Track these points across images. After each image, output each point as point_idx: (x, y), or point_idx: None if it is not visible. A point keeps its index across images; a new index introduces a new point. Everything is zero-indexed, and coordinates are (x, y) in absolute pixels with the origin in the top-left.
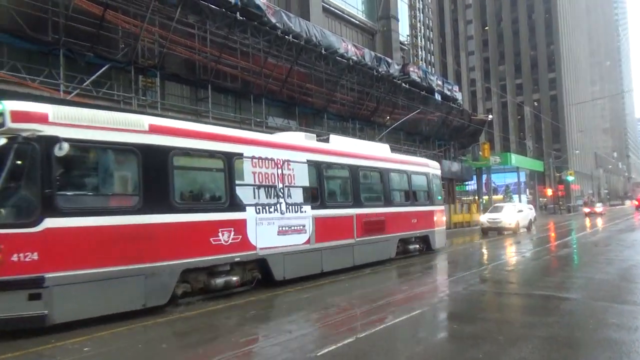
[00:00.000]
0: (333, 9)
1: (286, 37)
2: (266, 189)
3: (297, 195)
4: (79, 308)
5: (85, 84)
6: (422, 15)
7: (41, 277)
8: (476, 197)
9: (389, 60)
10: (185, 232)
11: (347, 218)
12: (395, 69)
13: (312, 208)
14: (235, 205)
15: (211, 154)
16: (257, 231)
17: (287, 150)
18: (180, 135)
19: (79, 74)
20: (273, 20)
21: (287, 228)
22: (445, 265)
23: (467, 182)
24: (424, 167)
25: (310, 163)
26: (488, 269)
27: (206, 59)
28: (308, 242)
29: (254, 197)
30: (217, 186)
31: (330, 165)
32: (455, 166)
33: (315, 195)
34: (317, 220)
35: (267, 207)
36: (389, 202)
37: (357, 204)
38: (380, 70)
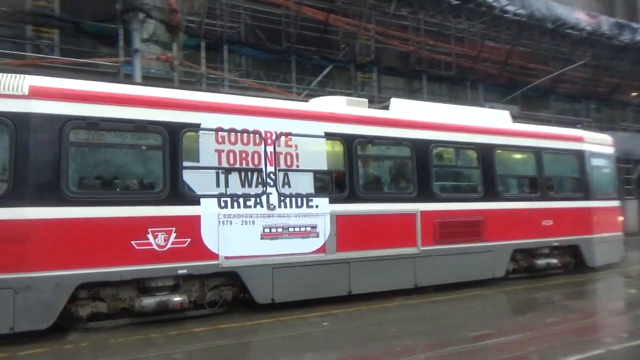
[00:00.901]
0: None
1: (505, 15)
2: (242, 173)
3: (303, 183)
4: None
5: (312, 85)
6: None
7: None
8: None
9: (634, 26)
10: (85, 232)
11: (404, 217)
12: None
13: (332, 201)
14: (181, 195)
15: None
16: (219, 233)
17: (284, 120)
18: (82, 100)
19: (307, 76)
20: None
21: (279, 230)
22: (606, 293)
23: None
24: (573, 143)
25: (331, 137)
26: None
27: (420, 49)
28: (322, 250)
29: (217, 186)
30: (148, 170)
31: (371, 140)
32: None
33: (339, 183)
34: (341, 220)
35: (240, 200)
36: (493, 194)
37: (425, 195)
38: (622, 39)
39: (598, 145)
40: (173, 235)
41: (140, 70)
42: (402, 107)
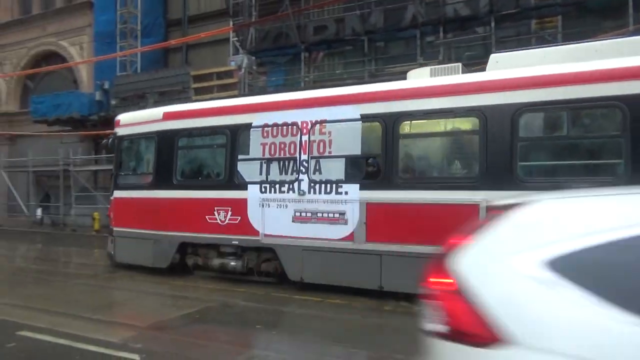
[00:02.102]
0: None
1: None
2: (280, 162)
3: (334, 170)
4: None
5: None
6: None
7: None
8: None
9: None
10: (184, 207)
11: (457, 208)
12: None
13: (363, 188)
14: (235, 182)
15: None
16: (261, 214)
17: (319, 108)
18: (187, 117)
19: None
20: None
21: (309, 214)
22: None
23: None
24: None
25: (367, 119)
26: None
27: None
28: (350, 238)
29: (260, 174)
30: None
31: (415, 115)
32: None
33: (374, 169)
34: (372, 208)
35: (277, 186)
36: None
37: (497, 181)
38: None
39: None
40: (230, 213)
41: None
42: (505, 63)
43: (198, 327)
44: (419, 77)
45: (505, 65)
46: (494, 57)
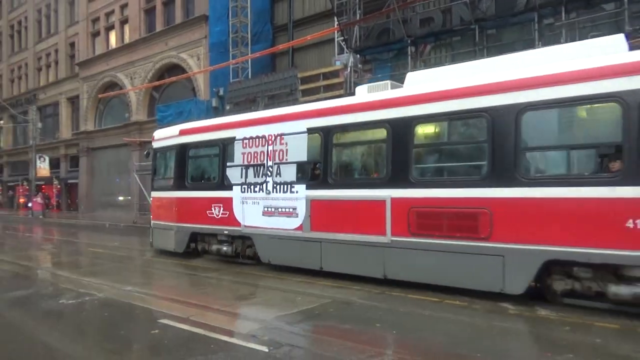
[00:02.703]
0: None
1: None
2: (254, 168)
3: (289, 173)
4: None
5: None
6: None
7: None
8: None
9: None
10: (195, 204)
11: (371, 203)
12: None
13: (308, 187)
14: (224, 184)
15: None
16: (241, 209)
17: (280, 123)
18: (191, 133)
19: None
20: None
21: (272, 209)
22: None
23: None
24: None
25: (311, 131)
26: None
27: None
28: (300, 228)
29: (241, 177)
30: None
31: (346, 128)
32: None
33: (314, 172)
34: (314, 204)
35: (252, 187)
36: (505, 177)
37: (399, 181)
38: None
39: None
40: (222, 209)
41: None
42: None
43: (319, 323)
44: (361, 93)
45: (418, 81)
46: (409, 75)
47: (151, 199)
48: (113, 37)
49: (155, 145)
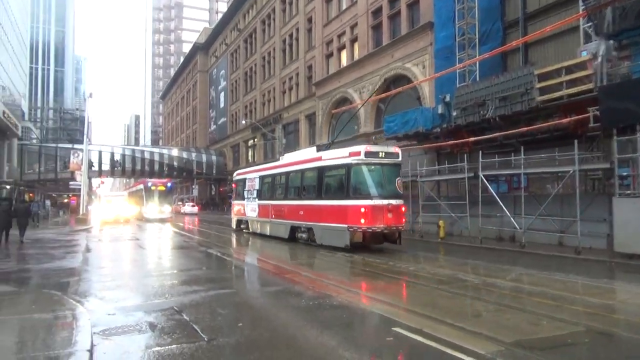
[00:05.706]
0: None
1: None
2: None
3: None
4: None
5: None
6: None
7: None
8: None
9: None
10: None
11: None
12: None
13: (259, 200)
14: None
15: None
16: (246, 208)
17: (258, 172)
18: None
19: None
20: None
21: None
22: None
23: None
24: None
25: (260, 177)
26: None
27: None
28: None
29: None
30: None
31: (266, 175)
32: None
33: (259, 192)
34: (261, 206)
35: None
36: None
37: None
38: None
39: None
40: (249, 208)
41: None
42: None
43: (569, 353)
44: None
45: (285, 159)
46: (285, 156)
47: (232, 204)
48: (344, 56)
49: (234, 178)
